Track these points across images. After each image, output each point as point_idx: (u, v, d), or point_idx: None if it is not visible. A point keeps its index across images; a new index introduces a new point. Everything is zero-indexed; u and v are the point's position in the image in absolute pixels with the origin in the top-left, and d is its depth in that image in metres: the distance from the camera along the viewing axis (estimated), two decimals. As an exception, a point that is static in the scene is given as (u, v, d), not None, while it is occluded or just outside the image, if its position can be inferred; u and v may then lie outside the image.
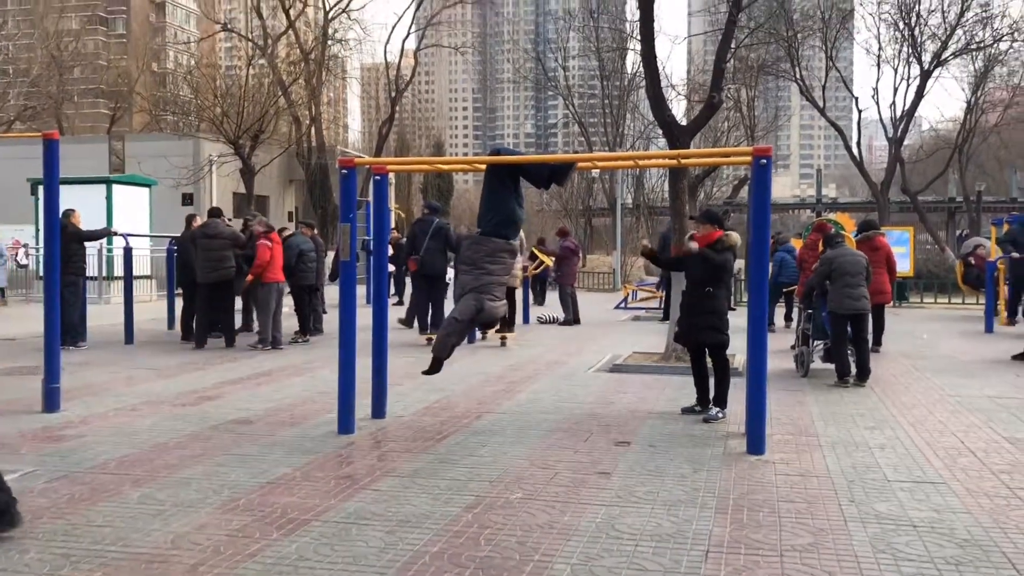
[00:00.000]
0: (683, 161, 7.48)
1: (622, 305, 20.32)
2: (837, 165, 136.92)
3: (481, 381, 9.34)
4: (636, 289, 21.91)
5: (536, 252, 17.70)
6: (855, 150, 33.13)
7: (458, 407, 7.80)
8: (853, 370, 9.25)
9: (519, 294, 15.01)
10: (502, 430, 6.84)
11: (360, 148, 55.84)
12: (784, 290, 15.05)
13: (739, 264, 16.74)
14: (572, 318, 16.07)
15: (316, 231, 14.84)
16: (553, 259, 17.04)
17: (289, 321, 14.91)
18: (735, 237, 7.34)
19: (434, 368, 6.71)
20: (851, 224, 16.51)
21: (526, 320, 16.28)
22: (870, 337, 9.97)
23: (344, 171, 6.65)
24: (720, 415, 7.24)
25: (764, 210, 6.14)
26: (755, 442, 6.14)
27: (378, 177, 7.25)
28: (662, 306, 17.85)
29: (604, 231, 44.81)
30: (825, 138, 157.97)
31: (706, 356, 7.58)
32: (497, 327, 12.56)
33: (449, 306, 15.15)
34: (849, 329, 9.35)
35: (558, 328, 15.57)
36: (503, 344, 12.58)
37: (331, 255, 22.43)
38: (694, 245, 7.82)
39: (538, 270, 17.88)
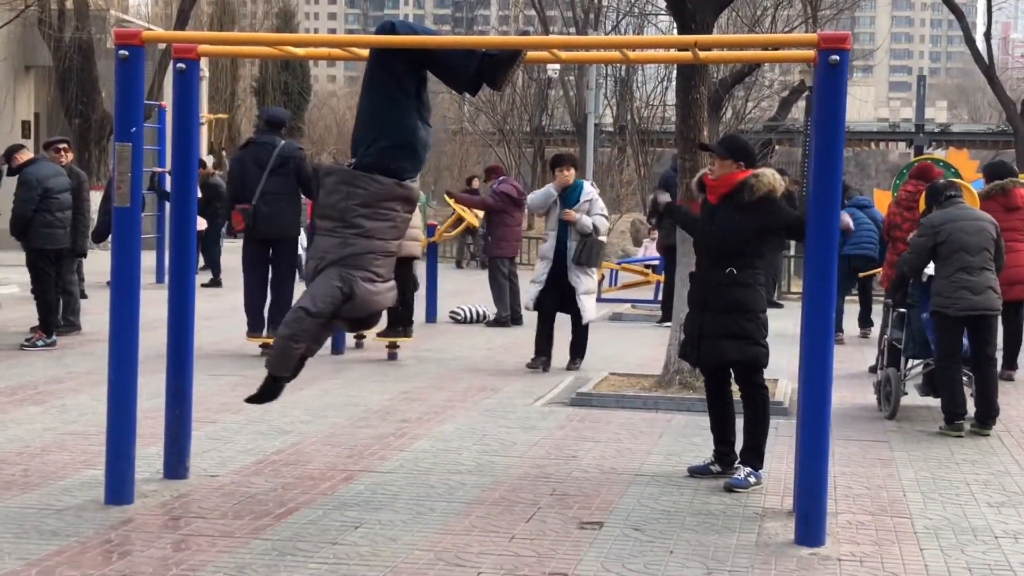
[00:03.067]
0: (702, 54, 7.52)
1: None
2: (951, 71, 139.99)
3: (354, 418, 9.32)
4: (617, 268, 22.10)
5: (451, 201, 17.70)
6: (981, 46, 33.84)
7: (314, 461, 7.78)
8: (971, 408, 9.49)
9: (422, 271, 14.98)
10: (389, 501, 6.84)
11: (151, 16, 54.94)
12: (860, 274, 15.34)
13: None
14: (509, 314, 16.14)
15: (73, 156, 14.56)
16: (480, 214, 17.02)
17: (22, 309, 14.62)
18: (769, 178, 7.37)
19: (266, 393, 6.68)
20: (972, 168, 16.93)
21: (431, 316, 16.30)
22: (999, 355, 10.22)
23: (123, 52, 6.56)
24: (752, 479, 7.36)
25: (833, 139, 6.23)
26: (810, 525, 6.24)
27: (182, 65, 7.16)
28: (660, 298, 18.02)
29: (565, 170, 45.01)
30: (933, 26, 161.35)
31: (730, 382, 7.69)
32: (380, 327, 12.57)
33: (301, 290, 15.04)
34: (966, 341, 9.58)
35: (485, 331, 15.61)
36: (392, 356, 12.57)
37: (97, 198, 22.03)
38: (663, 197, 7.99)
39: (453, 232, 17.87)
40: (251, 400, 6.72)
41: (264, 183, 12.29)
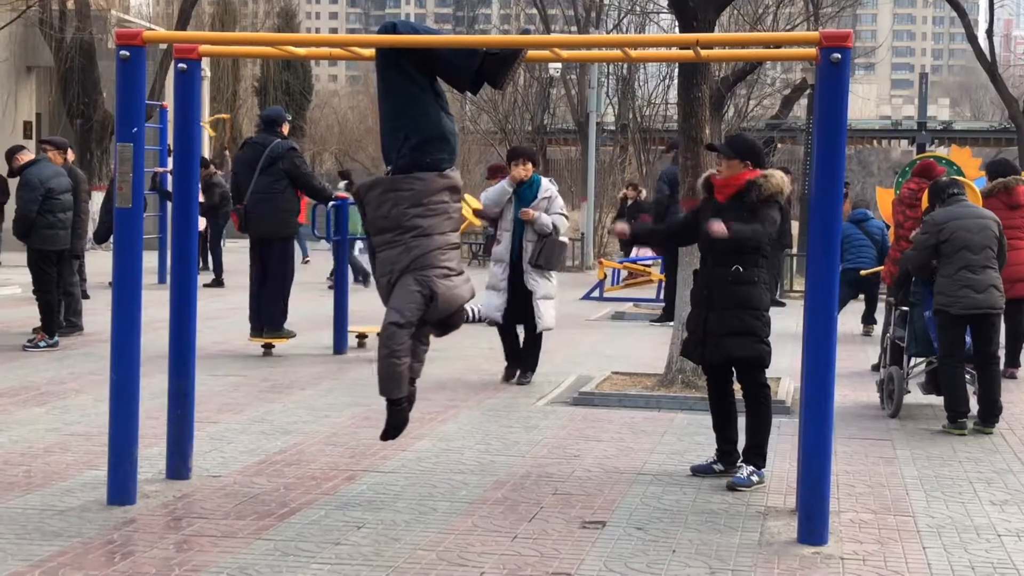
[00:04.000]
0: (704, 52, 7.52)
1: (595, 294, 20.48)
2: (953, 68, 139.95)
3: (355, 417, 9.32)
4: (619, 267, 22.11)
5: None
6: (983, 43, 33.84)
7: (316, 461, 7.79)
8: (974, 407, 9.49)
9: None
10: (391, 500, 6.85)
11: (152, 16, 54.96)
12: (862, 273, 15.35)
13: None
14: (511, 314, 16.12)
15: (73, 157, 14.56)
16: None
17: (23, 310, 14.63)
18: (778, 180, 7.41)
19: (394, 421, 6.61)
20: (974, 165, 16.91)
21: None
22: (1002, 353, 10.21)
23: (124, 53, 6.56)
24: (755, 478, 7.37)
25: (835, 137, 6.23)
26: (813, 524, 6.25)
27: (184, 65, 7.16)
28: (662, 297, 18.02)
29: (567, 169, 45.02)
30: (935, 23, 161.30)
31: (732, 380, 7.70)
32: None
33: (305, 290, 15.01)
34: (969, 339, 9.58)
35: (487, 330, 15.58)
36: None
37: (98, 199, 21.99)
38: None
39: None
40: (385, 436, 6.70)
41: (254, 183, 12.30)
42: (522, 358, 11.21)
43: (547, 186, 11.20)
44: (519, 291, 10.98)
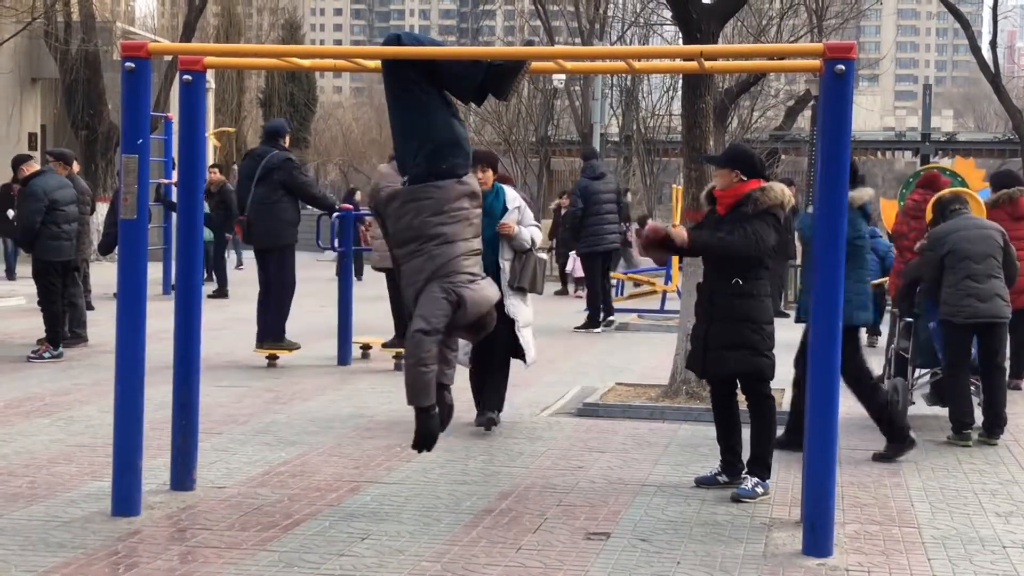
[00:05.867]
0: (708, 64, 7.53)
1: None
2: (956, 80, 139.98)
3: (360, 428, 9.32)
4: (623, 278, 22.11)
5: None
6: (986, 55, 33.87)
7: (320, 472, 7.79)
8: (979, 418, 9.47)
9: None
10: (394, 512, 6.85)
11: (157, 28, 55.07)
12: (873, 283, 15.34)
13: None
14: (515, 325, 16.10)
15: (78, 168, 14.58)
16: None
17: (28, 321, 14.65)
18: (778, 191, 7.39)
19: (425, 433, 6.39)
20: (978, 177, 16.91)
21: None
22: (1007, 364, 10.20)
23: (130, 65, 6.58)
24: (760, 489, 7.36)
25: (839, 148, 6.23)
26: (817, 536, 6.24)
27: (189, 77, 7.17)
28: (664, 307, 18.02)
29: (571, 180, 45.06)
30: (939, 35, 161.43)
31: (736, 392, 7.70)
32: (387, 339, 12.53)
33: (305, 300, 14.96)
34: (974, 350, 9.56)
35: (491, 341, 15.60)
36: (398, 367, 12.56)
37: (103, 210, 22.04)
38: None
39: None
40: (416, 446, 6.50)
41: (252, 193, 12.35)
42: (488, 394, 9.52)
43: (514, 195, 9.62)
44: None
